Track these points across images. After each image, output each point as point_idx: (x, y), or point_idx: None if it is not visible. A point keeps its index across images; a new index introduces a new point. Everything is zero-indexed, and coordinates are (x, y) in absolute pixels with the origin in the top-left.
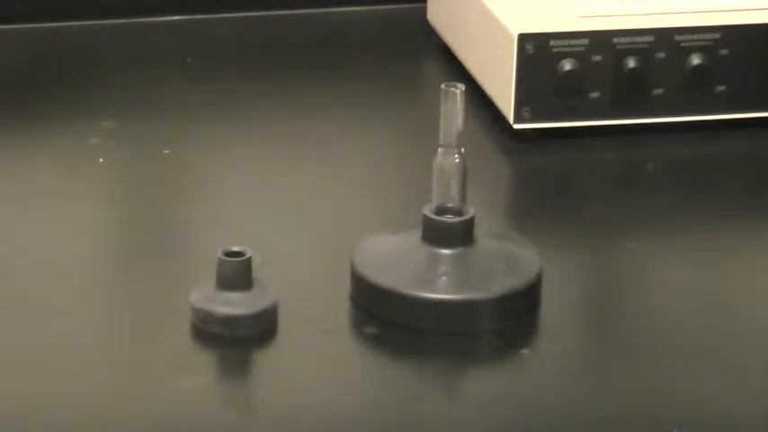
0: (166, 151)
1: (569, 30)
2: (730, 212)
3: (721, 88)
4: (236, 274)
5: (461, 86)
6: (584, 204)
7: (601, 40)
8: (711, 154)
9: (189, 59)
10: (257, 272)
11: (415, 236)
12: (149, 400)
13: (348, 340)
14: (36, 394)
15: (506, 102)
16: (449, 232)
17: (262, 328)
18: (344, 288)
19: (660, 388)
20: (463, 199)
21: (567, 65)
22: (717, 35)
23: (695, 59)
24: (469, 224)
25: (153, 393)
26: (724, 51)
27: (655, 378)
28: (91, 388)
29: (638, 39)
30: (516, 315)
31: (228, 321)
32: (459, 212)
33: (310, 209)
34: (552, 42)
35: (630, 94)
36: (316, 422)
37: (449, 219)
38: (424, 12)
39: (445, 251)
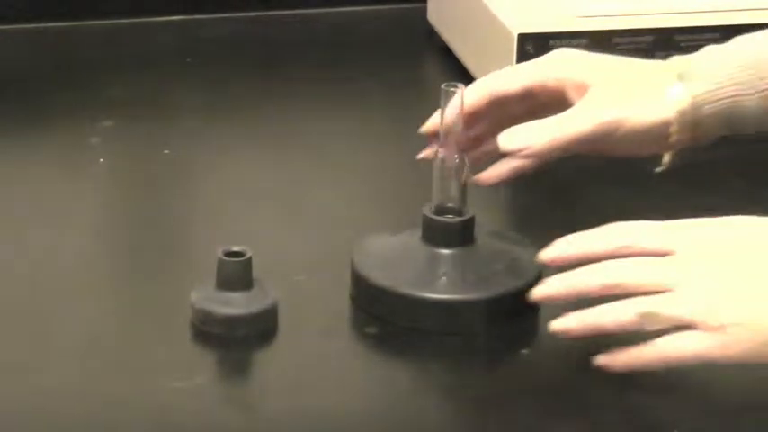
0: (166, 151)
1: (569, 30)
2: (730, 212)
3: None
4: (236, 274)
5: (461, 86)
6: (585, 204)
7: (601, 40)
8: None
9: (189, 59)
10: (257, 272)
11: (415, 236)
12: (149, 400)
13: (348, 340)
14: (36, 394)
15: None
16: (449, 232)
17: (262, 328)
18: (344, 288)
19: (660, 387)
20: (463, 199)
21: None
22: (717, 35)
23: None
24: (469, 224)
25: (153, 393)
26: None
27: (655, 378)
28: (91, 388)
29: (638, 39)
30: (516, 315)
31: (228, 321)
32: (459, 212)
33: (310, 208)
34: (552, 42)
35: None
36: (315, 422)
37: (449, 219)
38: (424, 12)
39: (445, 251)
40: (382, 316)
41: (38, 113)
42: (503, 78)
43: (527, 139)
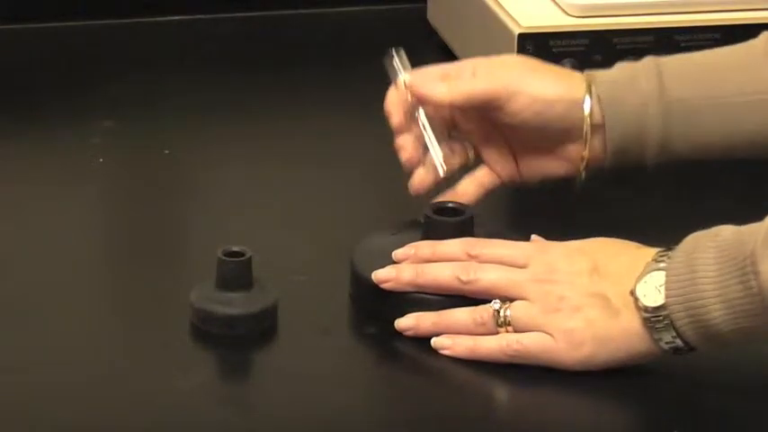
0: (166, 151)
1: (569, 30)
2: (730, 212)
3: None
4: (236, 274)
5: (399, 49)
6: (584, 204)
7: (601, 40)
8: None
9: (189, 59)
10: (257, 272)
11: (415, 236)
12: (149, 400)
13: (348, 340)
14: (36, 394)
15: None
16: (448, 232)
17: (262, 327)
18: (344, 288)
19: (660, 387)
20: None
21: (567, 65)
22: (717, 35)
23: None
24: (469, 224)
25: (153, 393)
26: None
27: (654, 377)
28: (91, 388)
29: (638, 39)
30: None
31: (228, 321)
32: (459, 212)
33: (310, 208)
34: (552, 42)
35: None
36: (315, 422)
37: (448, 219)
38: (424, 12)
39: None
40: (382, 316)
41: (38, 113)
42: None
43: (431, 88)
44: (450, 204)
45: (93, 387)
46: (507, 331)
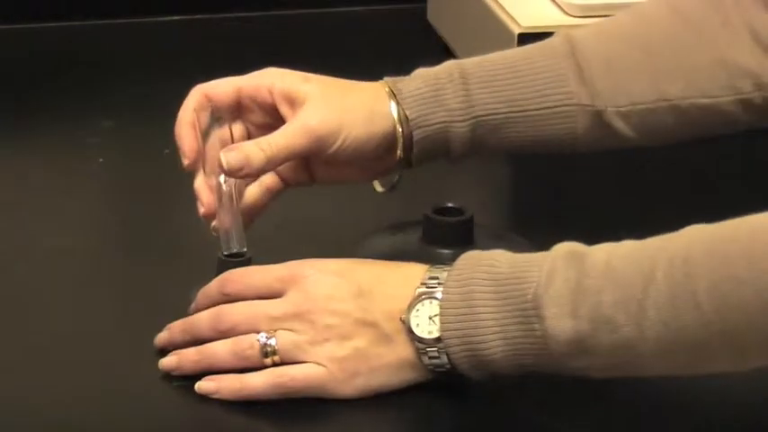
0: (167, 151)
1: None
2: (730, 212)
3: None
4: None
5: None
6: (584, 205)
7: None
8: (711, 154)
9: (189, 60)
10: None
11: (414, 236)
12: (149, 400)
13: None
14: (35, 393)
15: None
16: (448, 232)
17: None
18: None
19: (658, 387)
20: (238, 226)
21: None
22: None
23: None
24: (469, 224)
25: (153, 393)
26: None
27: (654, 378)
28: (91, 387)
29: None
30: None
31: None
32: (459, 212)
33: (310, 209)
34: None
35: None
36: (315, 421)
37: (448, 219)
38: (424, 12)
39: (445, 251)
40: None
41: (37, 113)
42: (215, 84)
43: (245, 158)
44: (450, 204)
45: (92, 387)
46: (274, 361)
